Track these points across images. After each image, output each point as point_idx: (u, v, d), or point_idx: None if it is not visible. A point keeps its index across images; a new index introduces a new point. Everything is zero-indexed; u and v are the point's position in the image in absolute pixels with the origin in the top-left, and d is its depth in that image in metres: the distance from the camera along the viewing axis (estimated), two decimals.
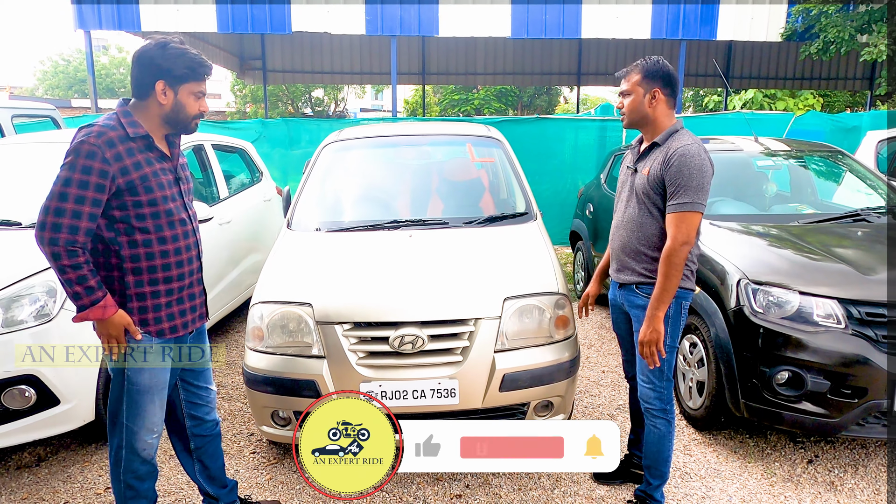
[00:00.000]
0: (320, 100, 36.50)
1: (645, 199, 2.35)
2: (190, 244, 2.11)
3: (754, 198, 4.12)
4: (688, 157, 2.20)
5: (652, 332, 2.27)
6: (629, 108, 2.36)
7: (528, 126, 7.83)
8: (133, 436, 2.08)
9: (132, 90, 2.00)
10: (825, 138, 7.39)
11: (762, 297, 2.88)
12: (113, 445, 2.11)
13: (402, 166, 4.08)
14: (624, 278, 2.47)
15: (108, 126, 1.91)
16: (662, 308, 2.26)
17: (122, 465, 2.11)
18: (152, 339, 2.05)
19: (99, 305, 1.91)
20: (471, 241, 3.19)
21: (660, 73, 2.32)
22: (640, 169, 2.39)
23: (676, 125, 2.35)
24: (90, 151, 1.85)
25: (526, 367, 2.63)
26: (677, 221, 2.22)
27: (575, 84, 19.69)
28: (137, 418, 2.07)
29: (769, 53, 17.28)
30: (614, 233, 2.53)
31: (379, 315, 2.60)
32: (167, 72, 1.95)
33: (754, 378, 2.83)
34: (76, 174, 1.84)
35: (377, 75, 18.75)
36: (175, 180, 2.08)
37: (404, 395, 2.55)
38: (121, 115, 1.96)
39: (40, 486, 2.82)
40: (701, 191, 2.21)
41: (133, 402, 2.05)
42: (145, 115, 2.00)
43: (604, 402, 3.63)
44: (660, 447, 2.45)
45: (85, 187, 1.84)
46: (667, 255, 2.23)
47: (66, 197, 1.83)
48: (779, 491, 2.76)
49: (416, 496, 2.71)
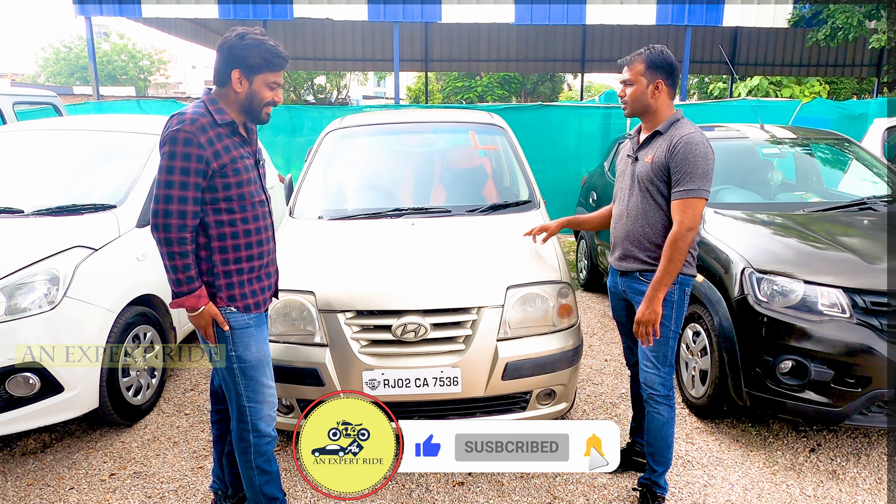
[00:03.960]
0: (323, 87, 36.35)
1: (649, 187, 2.35)
2: (268, 224, 2.20)
3: (759, 186, 4.09)
4: (693, 145, 2.22)
5: (651, 312, 2.29)
6: (632, 98, 2.36)
7: (532, 113, 7.78)
8: (257, 414, 2.15)
9: (214, 78, 2.08)
10: (831, 126, 7.32)
11: (766, 286, 2.87)
12: (239, 433, 2.18)
13: (405, 154, 4.06)
14: (626, 266, 2.46)
15: (198, 113, 2.00)
16: (663, 290, 2.28)
17: (252, 449, 2.17)
18: (245, 315, 2.12)
19: (195, 294, 2.01)
20: (474, 230, 3.18)
21: (664, 63, 2.32)
22: (642, 157, 2.39)
23: (677, 114, 2.37)
24: (187, 139, 1.93)
25: (529, 356, 2.62)
26: (683, 207, 2.23)
27: (579, 71, 19.56)
28: (257, 394, 2.15)
29: (775, 40, 17.12)
30: (617, 222, 2.52)
31: (381, 303, 2.60)
32: (242, 61, 2.01)
33: (758, 367, 2.82)
34: (178, 162, 1.93)
35: (380, 62, 18.66)
36: (255, 164, 2.16)
37: (407, 384, 2.55)
38: (207, 102, 2.04)
39: (45, 473, 2.84)
40: (706, 177, 2.23)
41: (249, 379, 2.13)
42: (225, 102, 2.07)
43: (606, 391, 3.64)
44: (664, 433, 2.46)
45: (187, 173, 1.93)
46: (672, 239, 2.24)
47: (172, 185, 1.93)
48: (781, 479, 2.76)
49: (419, 483, 2.73)
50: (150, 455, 2.97)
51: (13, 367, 2.66)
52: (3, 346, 2.64)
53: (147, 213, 3.54)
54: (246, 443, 2.18)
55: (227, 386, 2.17)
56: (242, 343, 2.12)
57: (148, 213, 3.51)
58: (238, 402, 2.16)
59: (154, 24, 12.07)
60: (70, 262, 2.93)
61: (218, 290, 2.08)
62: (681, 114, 2.38)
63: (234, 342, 2.11)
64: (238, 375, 2.13)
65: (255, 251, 2.13)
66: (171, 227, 1.94)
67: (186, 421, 3.30)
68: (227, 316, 2.09)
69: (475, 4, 9.98)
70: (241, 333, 2.11)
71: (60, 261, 2.90)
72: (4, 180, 3.65)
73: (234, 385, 2.14)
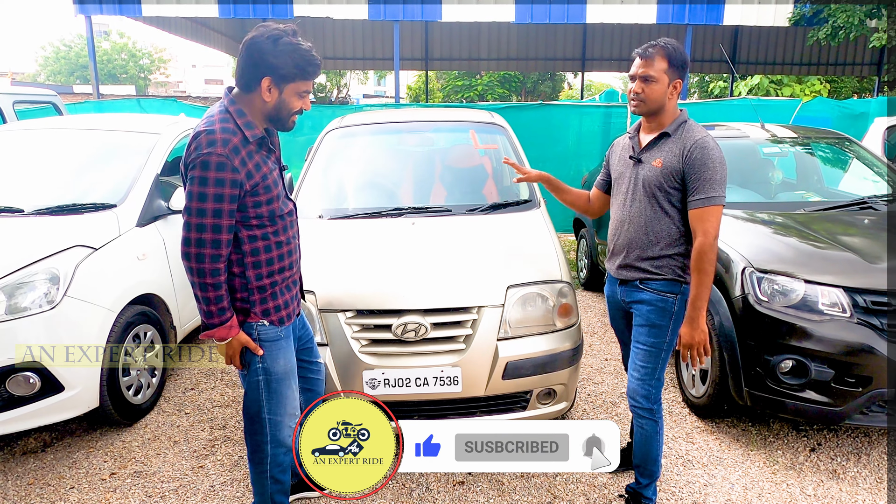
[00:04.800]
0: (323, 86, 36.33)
1: (656, 192, 2.22)
2: (295, 234, 2.13)
3: (760, 185, 4.08)
4: (709, 150, 2.14)
5: (698, 332, 2.17)
6: (653, 97, 2.20)
7: (532, 112, 7.77)
8: (277, 426, 2.11)
9: (237, 80, 1.92)
10: (832, 125, 7.32)
11: (767, 286, 2.86)
12: (254, 445, 2.13)
13: (405, 153, 4.06)
14: (628, 275, 2.35)
15: (228, 131, 1.85)
16: (704, 307, 2.17)
17: (268, 460, 2.13)
18: (278, 328, 2.07)
19: (226, 326, 1.94)
20: (474, 229, 3.17)
21: (684, 63, 2.21)
22: (648, 160, 2.25)
23: (683, 115, 2.28)
24: (220, 163, 1.81)
25: (529, 355, 2.62)
26: (706, 216, 2.13)
27: (579, 70, 19.55)
28: (280, 407, 2.10)
29: (776, 39, 17.10)
30: (618, 228, 2.37)
31: (381, 303, 2.60)
32: (275, 69, 1.85)
33: (758, 366, 2.82)
34: (210, 188, 1.81)
35: (380, 61, 18.65)
36: (280, 173, 2.06)
37: (407, 383, 2.55)
38: (235, 114, 1.89)
39: (46, 472, 2.84)
40: (723, 183, 2.15)
41: (274, 392, 2.08)
42: (250, 109, 1.93)
43: (606, 390, 3.64)
44: (647, 448, 2.38)
45: (221, 200, 1.83)
46: (702, 251, 2.13)
47: (205, 213, 1.82)
48: (781, 479, 2.76)
49: (419, 482, 2.73)
50: (150, 454, 2.97)
51: (13, 366, 2.66)
52: (4, 346, 2.64)
53: (147, 212, 3.55)
54: (263, 454, 2.13)
55: (250, 398, 2.09)
56: (272, 356, 2.05)
57: (148, 212, 3.55)
58: (259, 414, 2.09)
59: (154, 22, 12.06)
60: (70, 262, 2.92)
61: (252, 306, 2.01)
62: (686, 114, 2.29)
63: (263, 355, 2.04)
64: (262, 388, 2.06)
65: (287, 262, 2.07)
66: (204, 257, 1.85)
67: (187, 420, 3.30)
68: (259, 329, 2.02)
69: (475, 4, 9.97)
70: (272, 346, 2.05)
71: (60, 260, 2.90)
72: (4, 180, 3.65)
73: (258, 397, 2.07)
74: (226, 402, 3.49)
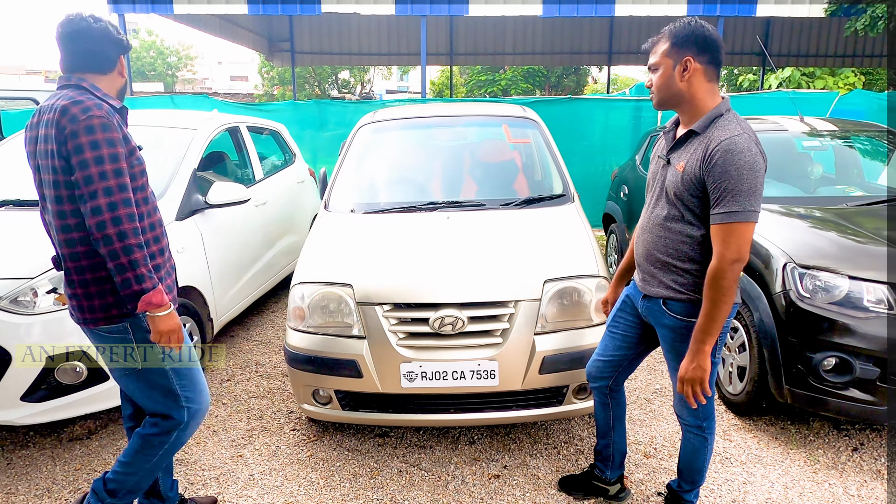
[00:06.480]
0: (347, 81, 36.52)
1: (676, 201, 1.94)
2: (161, 218, 2.07)
3: (799, 179, 4.00)
4: (735, 154, 1.76)
5: (696, 368, 1.88)
6: (657, 85, 1.95)
7: (561, 106, 7.70)
8: (197, 413, 2.12)
9: (84, 65, 1.93)
10: (870, 118, 7.12)
11: (809, 282, 2.81)
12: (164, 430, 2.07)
13: (438, 147, 4.07)
14: (650, 290, 2.08)
15: (94, 99, 1.86)
16: (710, 341, 1.87)
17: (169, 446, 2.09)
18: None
19: (159, 290, 1.88)
20: (509, 223, 3.17)
21: (692, 36, 1.87)
22: (674, 162, 1.97)
23: (721, 107, 1.90)
24: (103, 124, 1.80)
25: (566, 350, 2.61)
26: (725, 235, 1.80)
27: (605, 63, 19.30)
28: (199, 394, 2.11)
29: (809, 30, 16.67)
30: (639, 235, 2.15)
31: (419, 296, 2.61)
32: (126, 46, 2.02)
33: (799, 364, 2.77)
34: (104, 150, 1.79)
35: (405, 56, 18.65)
36: None
37: (444, 376, 2.56)
38: (91, 89, 1.90)
39: (92, 458, 2.92)
40: (753, 195, 1.77)
41: (184, 377, 2.06)
42: (105, 87, 1.97)
43: (640, 386, 3.60)
44: (692, 458, 2.22)
45: (117, 159, 1.81)
46: (714, 277, 1.82)
47: (106, 175, 1.79)
48: (823, 478, 2.72)
49: (454, 475, 2.74)
50: (189, 443, 3.03)
51: (67, 353, 2.73)
52: (53, 335, 2.72)
53: (185, 207, 3.61)
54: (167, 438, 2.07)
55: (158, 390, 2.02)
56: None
57: (186, 207, 3.61)
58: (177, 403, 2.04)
59: (184, 20, 12.24)
60: None
61: None
62: (727, 105, 1.92)
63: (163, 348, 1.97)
64: (172, 378, 2.02)
65: (164, 242, 2.05)
66: (121, 219, 1.80)
67: (224, 410, 3.36)
68: None
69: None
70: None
71: None
72: None
73: (170, 389, 2.03)
74: (262, 394, 3.55)
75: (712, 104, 1.91)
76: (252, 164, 4.83)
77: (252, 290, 4.38)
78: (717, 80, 1.93)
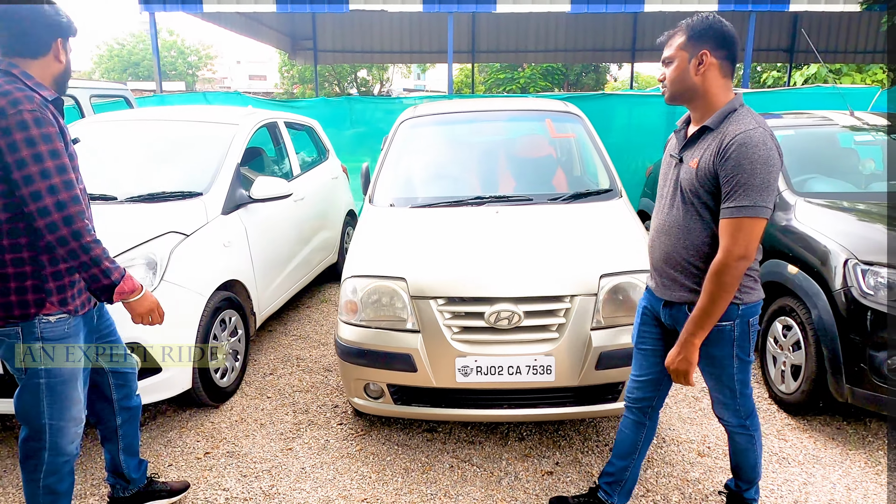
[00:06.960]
0: (366, 80, 36.61)
1: (693, 199, 1.89)
2: (91, 216, 1.96)
3: (851, 175, 3.91)
4: (749, 147, 1.73)
5: (682, 361, 1.88)
6: (671, 79, 1.91)
7: (592, 102, 7.61)
8: (59, 433, 1.94)
9: (15, 48, 1.80)
10: None
11: (871, 278, 2.74)
12: (30, 451, 1.95)
13: (481, 142, 4.04)
14: (672, 295, 2.00)
15: (23, 89, 1.74)
16: (700, 334, 1.85)
17: (44, 468, 1.95)
18: (72, 318, 1.92)
19: (127, 277, 1.86)
20: (558, 218, 3.13)
21: (710, 30, 1.84)
22: (687, 160, 1.92)
23: (735, 102, 1.87)
24: (36, 119, 1.71)
25: (622, 346, 2.57)
26: (733, 230, 1.76)
27: (629, 61, 19.10)
28: (64, 412, 1.94)
29: (837, 25, 16.35)
30: (655, 239, 2.06)
31: (474, 290, 2.59)
32: (67, 29, 1.84)
33: (861, 362, 2.70)
34: (42, 146, 1.71)
35: (426, 54, 18.63)
36: None
37: (500, 371, 2.54)
38: (22, 77, 1.78)
39: (143, 450, 2.93)
40: (765, 190, 1.73)
41: (57, 395, 1.91)
42: (37, 73, 1.83)
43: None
44: (743, 458, 2.20)
45: (57, 155, 1.73)
46: (716, 270, 1.79)
47: (49, 174, 1.71)
48: (887, 480, 2.64)
49: (507, 471, 2.72)
50: (239, 436, 3.04)
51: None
52: None
53: (230, 201, 3.63)
54: (38, 460, 1.94)
55: (27, 400, 1.90)
56: (59, 354, 1.86)
57: (231, 201, 3.62)
58: (39, 419, 1.90)
59: (212, 18, 12.34)
60: (166, 247, 3.02)
61: (49, 294, 1.84)
62: (740, 100, 1.88)
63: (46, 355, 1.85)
64: (43, 391, 1.89)
65: None
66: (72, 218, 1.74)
67: (270, 404, 3.37)
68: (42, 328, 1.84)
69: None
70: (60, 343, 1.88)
71: (157, 245, 3.00)
72: (96, 169, 3.78)
73: (36, 403, 1.89)
74: (305, 388, 3.55)
75: (725, 99, 1.89)
76: (290, 160, 4.84)
77: (291, 284, 4.39)
78: (731, 77, 1.91)
